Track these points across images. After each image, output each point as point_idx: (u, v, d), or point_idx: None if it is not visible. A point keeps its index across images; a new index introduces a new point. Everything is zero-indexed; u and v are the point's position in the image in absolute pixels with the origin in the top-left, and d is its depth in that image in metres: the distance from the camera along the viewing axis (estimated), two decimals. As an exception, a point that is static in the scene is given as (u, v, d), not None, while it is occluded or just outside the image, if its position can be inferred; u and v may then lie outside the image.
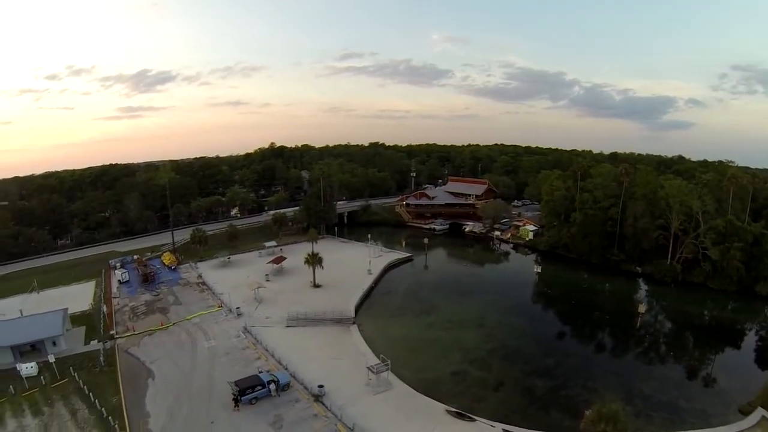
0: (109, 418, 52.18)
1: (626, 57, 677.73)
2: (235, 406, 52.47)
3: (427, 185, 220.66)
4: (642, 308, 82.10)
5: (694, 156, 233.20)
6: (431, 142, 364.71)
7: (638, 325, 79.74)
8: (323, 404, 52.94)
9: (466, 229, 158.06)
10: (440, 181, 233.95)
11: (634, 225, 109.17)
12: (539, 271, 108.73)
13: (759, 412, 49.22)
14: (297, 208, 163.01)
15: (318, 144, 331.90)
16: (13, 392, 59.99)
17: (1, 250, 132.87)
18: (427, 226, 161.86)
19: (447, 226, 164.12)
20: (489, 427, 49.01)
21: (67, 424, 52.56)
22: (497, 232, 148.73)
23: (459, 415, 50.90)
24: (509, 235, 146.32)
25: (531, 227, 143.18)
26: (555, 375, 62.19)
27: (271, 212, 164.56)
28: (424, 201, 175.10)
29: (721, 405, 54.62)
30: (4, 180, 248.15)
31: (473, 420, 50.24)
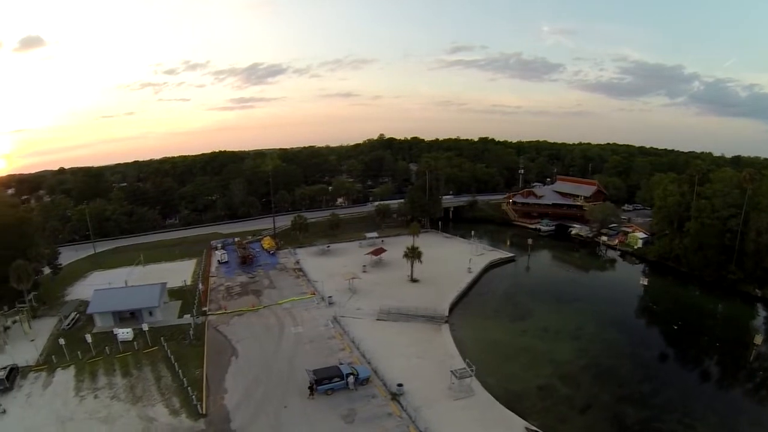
0: (189, 388, 57.81)
1: (753, 49, 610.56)
2: (310, 395, 55.34)
3: (536, 183, 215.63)
4: (758, 339, 74.90)
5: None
6: (541, 139, 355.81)
7: (752, 357, 72.63)
8: (399, 404, 54.22)
9: (573, 232, 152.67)
10: (548, 179, 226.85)
11: (757, 240, 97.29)
12: (646, 283, 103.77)
13: None
14: (402, 200, 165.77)
15: (428, 137, 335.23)
16: (108, 353, 68.51)
17: (116, 226, 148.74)
18: (532, 226, 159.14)
19: (553, 227, 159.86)
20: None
21: (151, 388, 59.12)
22: (604, 238, 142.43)
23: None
24: (617, 241, 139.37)
25: (641, 234, 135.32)
26: (650, 404, 58.85)
27: (376, 203, 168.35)
28: (531, 199, 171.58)
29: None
30: (125, 164, 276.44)
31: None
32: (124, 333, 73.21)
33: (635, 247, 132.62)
